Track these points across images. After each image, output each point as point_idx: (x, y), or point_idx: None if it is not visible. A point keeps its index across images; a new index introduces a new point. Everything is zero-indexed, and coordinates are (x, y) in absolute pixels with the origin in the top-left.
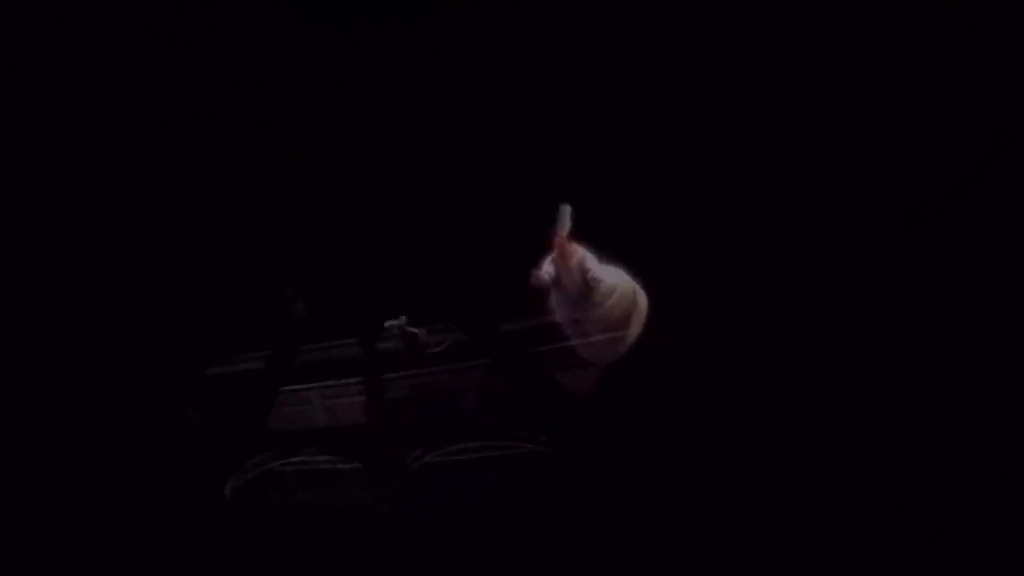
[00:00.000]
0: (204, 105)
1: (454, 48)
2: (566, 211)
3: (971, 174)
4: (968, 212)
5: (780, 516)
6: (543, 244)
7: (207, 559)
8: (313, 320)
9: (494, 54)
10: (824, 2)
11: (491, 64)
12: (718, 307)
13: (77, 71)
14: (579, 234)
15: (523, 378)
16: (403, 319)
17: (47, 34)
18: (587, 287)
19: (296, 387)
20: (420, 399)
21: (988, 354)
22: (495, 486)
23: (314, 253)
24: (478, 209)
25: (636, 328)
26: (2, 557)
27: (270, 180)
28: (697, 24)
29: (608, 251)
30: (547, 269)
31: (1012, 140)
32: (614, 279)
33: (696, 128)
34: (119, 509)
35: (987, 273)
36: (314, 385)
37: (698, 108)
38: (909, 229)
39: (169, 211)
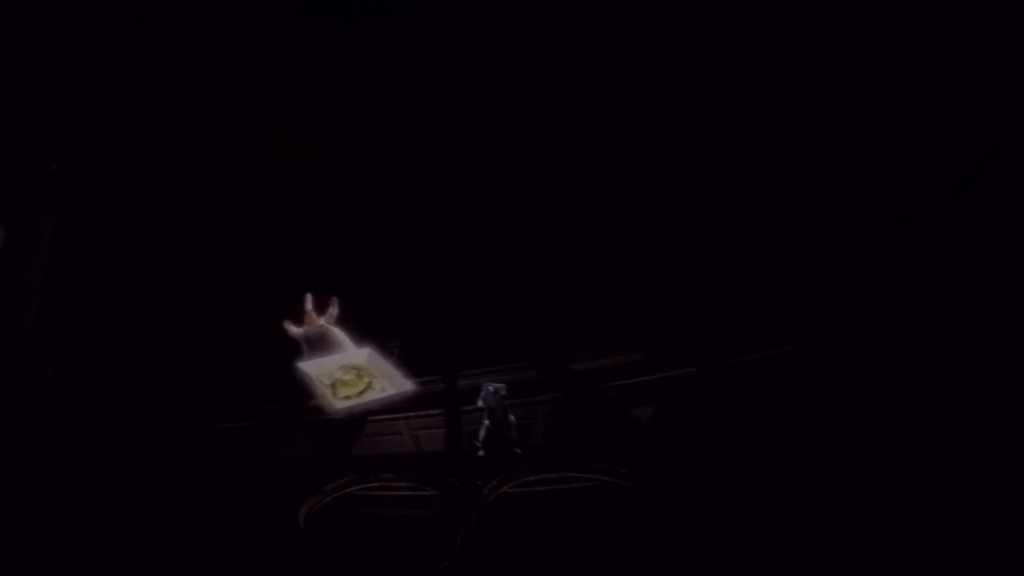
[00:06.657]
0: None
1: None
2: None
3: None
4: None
5: None
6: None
7: None
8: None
9: None
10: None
11: None
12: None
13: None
14: None
15: (594, 410)
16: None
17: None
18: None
19: (386, 416)
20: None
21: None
22: (570, 516)
23: (402, 301)
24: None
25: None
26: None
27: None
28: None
29: None
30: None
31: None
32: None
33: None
34: (198, 520)
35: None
36: (400, 416)
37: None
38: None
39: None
